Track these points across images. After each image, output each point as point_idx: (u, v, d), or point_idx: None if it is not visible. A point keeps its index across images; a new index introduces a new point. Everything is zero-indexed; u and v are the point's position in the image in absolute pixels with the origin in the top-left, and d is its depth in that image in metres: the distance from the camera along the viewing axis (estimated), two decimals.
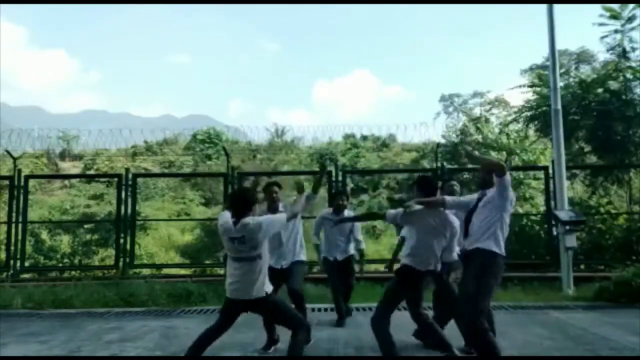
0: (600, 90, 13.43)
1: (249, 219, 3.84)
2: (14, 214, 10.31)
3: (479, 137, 19.89)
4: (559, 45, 10.43)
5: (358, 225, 6.46)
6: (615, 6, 13.72)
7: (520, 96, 20.49)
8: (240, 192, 4.46)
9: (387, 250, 14.96)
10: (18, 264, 10.28)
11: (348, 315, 6.34)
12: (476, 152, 4.85)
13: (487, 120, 24.13)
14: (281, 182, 5.52)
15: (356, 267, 6.53)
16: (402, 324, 4.73)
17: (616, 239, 10.64)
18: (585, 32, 17.52)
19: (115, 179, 11.72)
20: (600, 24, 14.02)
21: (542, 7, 9.31)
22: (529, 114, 15.33)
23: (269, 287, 3.95)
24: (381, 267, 9.78)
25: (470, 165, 18.74)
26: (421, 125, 27.95)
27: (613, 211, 11.56)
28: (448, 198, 4.30)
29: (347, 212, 6.31)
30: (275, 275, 4.82)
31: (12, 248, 10.17)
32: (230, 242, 3.84)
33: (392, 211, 4.38)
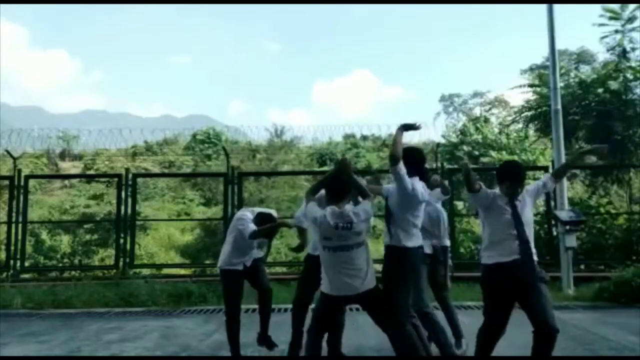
0: (600, 90, 13.45)
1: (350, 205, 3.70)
2: (14, 214, 10.31)
3: (479, 137, 19.90)
4: (559, 45, 10.44)
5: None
6: (616, 6, 13.73)
7: (520, 96, 20.50)
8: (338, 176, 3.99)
9: None
10: (18, 264, 10.29)
11: None
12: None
13: (486, 120, 24.13)
14: (280, 182, 5.45)
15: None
16: None
17: (616, 239, 10.64)
18: (585, 32, 17.52)
19: (115, 179, 11.73)
20: (601, 25, 14.04)
21: (542, 7, 9.31)
22: (529, 114, 15.35)
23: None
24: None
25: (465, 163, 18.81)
26: (421, 125, 27.89)
27: (613, 211, 11.56)
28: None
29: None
30: (239, 276, 4.66)
31: (12, 248, 10.17)
32: (334, 229, 3.58)
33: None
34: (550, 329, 3.60)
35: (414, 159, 3.97)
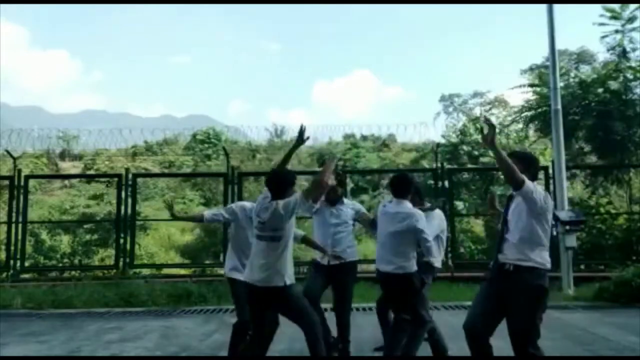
0: (600, 90, 13.43)
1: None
2: (14, 214, 10.31)
3: (479, 137, 19.89)
4: (559, 45, 10.44)
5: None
6: (616, 6, 13.72)
7: (520, 96, 20.49)
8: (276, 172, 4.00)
9: None
10: (18, 264, 10.28)
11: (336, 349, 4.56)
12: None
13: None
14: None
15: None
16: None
17: (616, 239, 10.65)
18: (585, 32, 17.52)
19: (115, 179, 11.73)
20: (601, 24, 14.02)
21: (542, 7, 9.31)
22: (529, 114, 15.33)
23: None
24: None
25: (469, 166, 18.82)
26: (421, 125, 27.88)
27: (613, 211, 11.57)
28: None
29: (347, 203, 4.87)
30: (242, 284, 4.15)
31: (12, 248, 10.17)
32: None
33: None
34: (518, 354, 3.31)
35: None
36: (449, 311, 7.05)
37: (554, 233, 9.55)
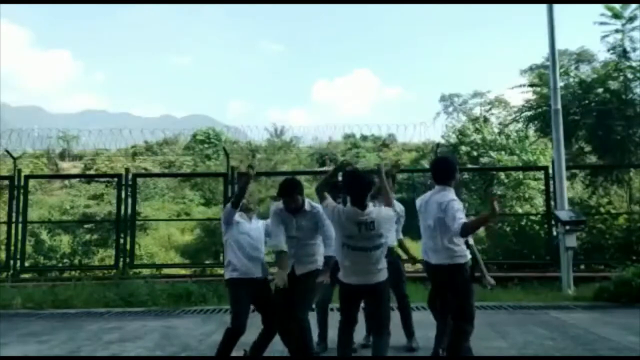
0: (600, 90, 13.42)
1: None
2: (14, 214, 10.31)
3: (478, 138, 19.89)
4: (559, 45, 10.44)
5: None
6: (617, 6, 13.71)
7: (520, 96, 20.48)
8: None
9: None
10: (18, 264, 10.28)
11: None
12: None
13: (486, 120, 24.13)
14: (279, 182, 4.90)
15: None
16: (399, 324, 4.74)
17: (616, 239, 10.64)
18: (585, 32, 17.53)
19: (115, 179, 11.73)
20: (601, 23, 14.01)
21: (542, 7, 9.31)
22: (529, 114, 15.33)
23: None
24: None
25: (469, 166, 18.84)
26: (421, 125, 27.91)
27: (613, 211, 11.56)
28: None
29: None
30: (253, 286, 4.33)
31: (12, 248, 10.16)
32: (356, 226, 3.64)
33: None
34: None
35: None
36: None
37: (554, 233, 9.55)
